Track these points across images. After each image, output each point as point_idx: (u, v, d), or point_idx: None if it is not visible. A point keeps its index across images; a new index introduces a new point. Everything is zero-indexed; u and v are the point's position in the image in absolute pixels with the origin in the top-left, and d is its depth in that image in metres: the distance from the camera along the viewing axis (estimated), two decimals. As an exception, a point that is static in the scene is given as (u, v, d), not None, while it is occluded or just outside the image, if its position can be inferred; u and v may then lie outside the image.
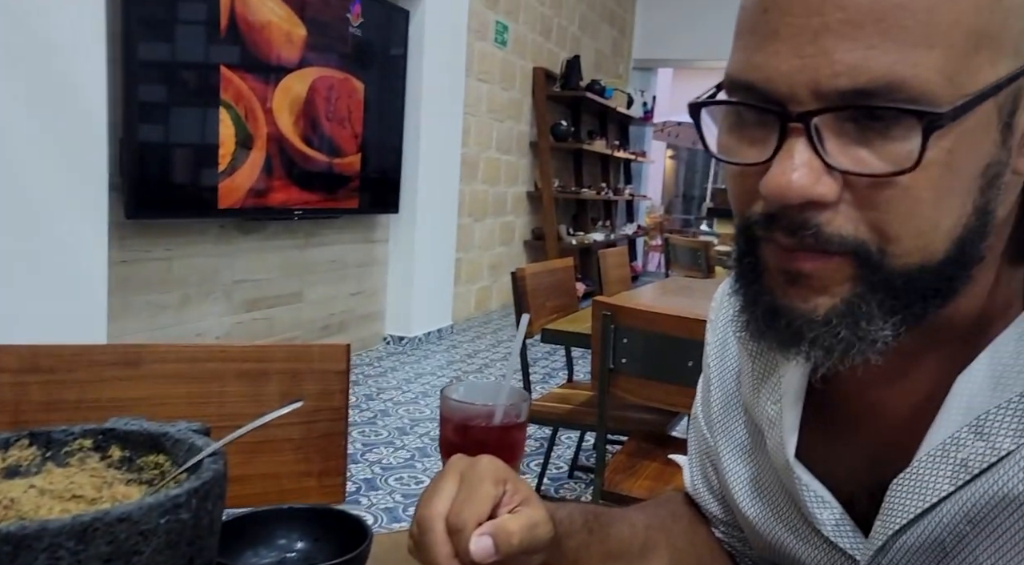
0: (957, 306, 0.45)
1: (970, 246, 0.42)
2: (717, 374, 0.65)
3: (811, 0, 0.38)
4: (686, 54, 8.22)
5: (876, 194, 0.39)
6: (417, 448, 2.89)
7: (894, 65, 0.37)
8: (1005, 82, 0.38)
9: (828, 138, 0.39)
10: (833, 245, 0.41)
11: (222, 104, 2.95)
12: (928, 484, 0.47)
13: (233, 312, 3.32)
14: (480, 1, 4.98)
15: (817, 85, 0.38)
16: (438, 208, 4.62)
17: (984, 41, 0.38)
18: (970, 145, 0.39)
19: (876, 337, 0.42)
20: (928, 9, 0.37)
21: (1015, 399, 0.44)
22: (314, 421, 1.09)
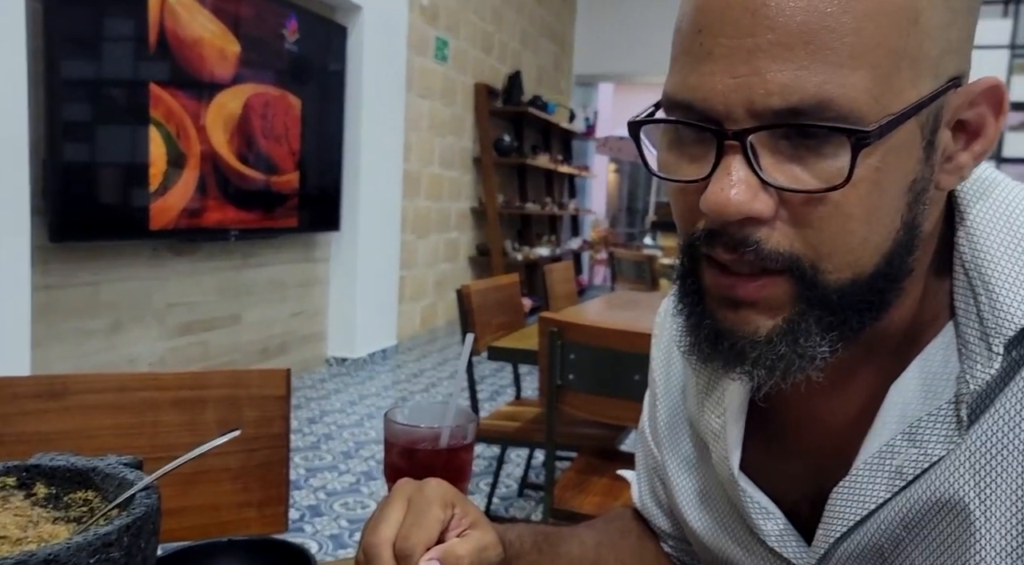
0: (890, 318, 0.46)
1: (899, 260, 0.43)
2: (663, 388, 0.65)
3: (742, 22, 0.39)
4: (626, 69, 8.39)
5: (810, 211, 0.41)
6: (362, 472, 2.83)
7: (823, 85, 0.38)
8: (926, 101, 0.40)
9: (763, 155, 0.40)
10: (771, 262, 0.42)
11: (152, 122, 2.85)
12: (866, 491, 0.48)
13: (167, 337, 3.20)
14: (420, 17, 4.98)
15: (751, 104, 0.39)
16: (380, 225, 4.57)
17: (905, 62, 0.39)
18: (896, 162, 0.41)
19: (815, 353, 0.43)
20: (853, 32, 0.38)
21: (944, 406, 0.45)
22: (254, 449, 1.05)
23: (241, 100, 3.34)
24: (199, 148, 3.11)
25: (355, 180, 4.25)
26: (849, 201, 0.40)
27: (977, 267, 0.45)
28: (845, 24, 0.38)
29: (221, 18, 3.16)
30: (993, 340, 0.43)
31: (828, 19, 0.38)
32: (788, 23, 0.38)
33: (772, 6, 0.38)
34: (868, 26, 0.38)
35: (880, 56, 0.38)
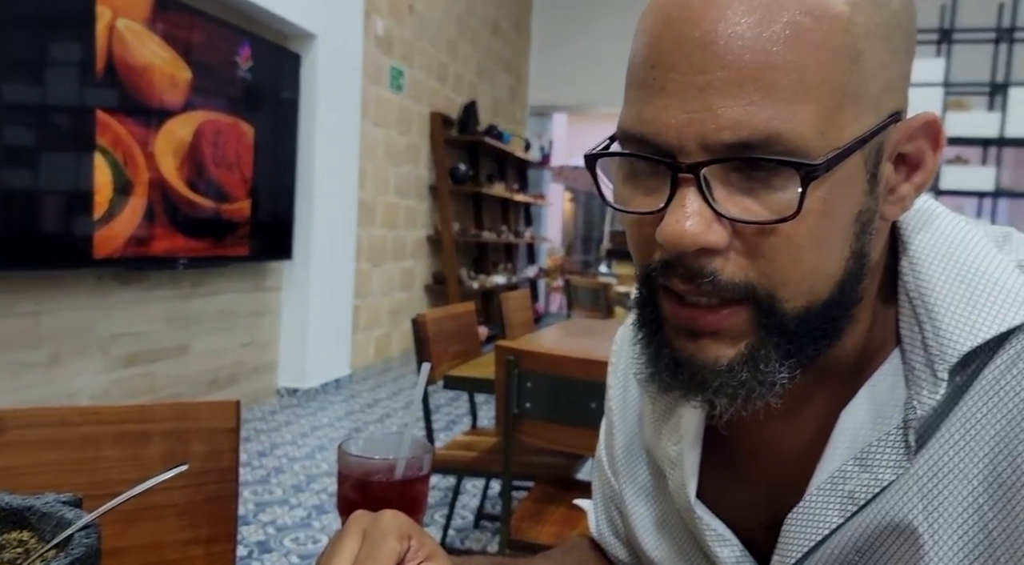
0: (842, 345, 0.47)
1: (850, 288, 0.45)
2: (619, 417, 0.65)
3: (694, 59, 0.40)
4: (580, 100, 8.55)
5: (762, 241, 0.42)
6: (314, 506, 2.76)
7: (771, 120, 0.39)
8: (869, 136, 0.42)
9: (716, 188, 0.42)
10: (728, 292, 0.43)
11: (98, 149, 2.79)
12: (819, 517, 0.49)
13: (110, 369, 3.10)
14: (375, 46, 5.00)
15: (704, 138, 0.41)
16: (334, 253, 4.52)
17: (848, 99, 0.41)
18: (843, 194, 0.42)
19: (775, 380, 0.44)
20: (799, 69, 0.40)
21: (893, 431, 0.46)
22: (201, 484, 1.02)
23: (192, 127, 3.29)
24: (147, 175, 3.05)
25: (308, 208, 4.21)
26: (800, 232, 0.41)
27: (920, 295, 0.46)
28: (791, 62, 0.39)
29: (172, 44, 3.13)
30: (938, 366, 0.44)
31: (775, 57, 0.39)
32: (737, 60, 0.39)
33: (722, 44, 0.40)
34: (812, 63, 0.40)
35: (825, 92, 0.40)
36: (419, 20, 5.72)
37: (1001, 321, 0.44)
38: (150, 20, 3.00)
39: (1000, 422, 0.44)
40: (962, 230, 0.48)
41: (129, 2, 2.89)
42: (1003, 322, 0.44)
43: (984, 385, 0.45)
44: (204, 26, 3.32)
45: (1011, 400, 0.44)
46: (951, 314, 0.45)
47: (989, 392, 0.44)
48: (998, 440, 0.44)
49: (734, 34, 0.40)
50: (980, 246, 0.47)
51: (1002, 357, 0.44)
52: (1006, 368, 0.44)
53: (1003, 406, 0.44)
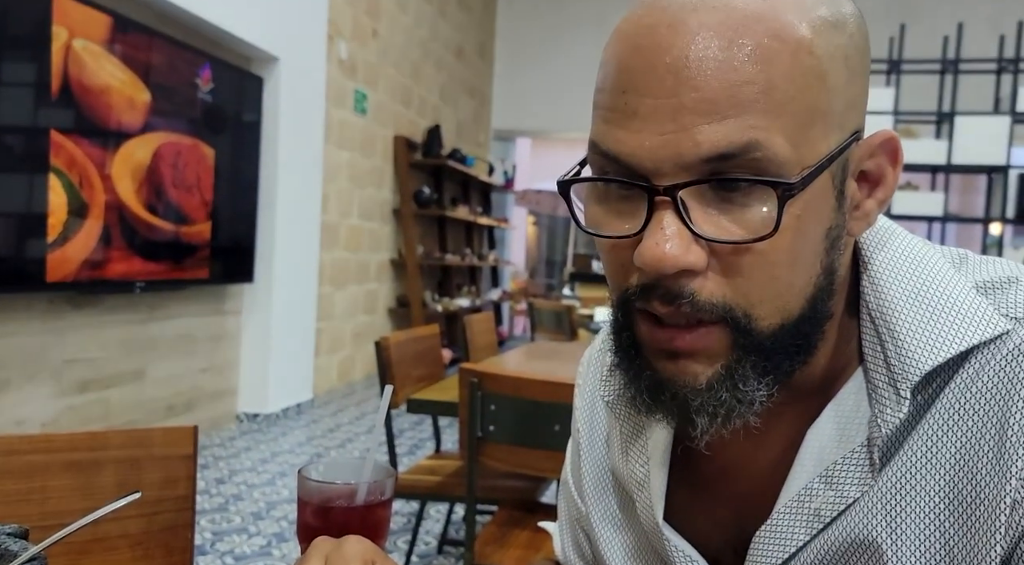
0: (813, 362, 0.48)
1: (821, 304, 0.46)
2: (587, 438, 0.65)
3: (666, 84, 0.41)
4: (543, 125, 8.63)
5: (739, 260, 0.43)
6: (274, 533, 2.69)
7: (749, 129, 0.40)
8: (836, 153, 0.43)
9: (693, 209, 0.42)
10: (706, 312, 0.43)
11: (52, 170, 2.73)
12: (786, 535, 0.49)
13: (62, 395, 3.00)
14: (338, 70, 5.00)
15: (680, 158, 0.41)
16: (296, 276, 4.47)
17: (817, 117, 0.42)
18: (815, 211, 0.43)
19: (754, 398, 0.44)
20: (770, 88, 0.41)
21: (857, 449, 0.47)
22: (156, 513, 0.99)
23: (150, 149, 3.24)
24: (104, 197, 2.99)
25: (270, 231, 4.16)
26: (776, 249, 0.42)
27: (882, 314, 0.47)
28: (762, 80, 0.41)
29: (130, 66, 3.09)
30: (900, 385, 0.45)
31: (746, 76, 0.40)
32: (710, 81, 0.40)
33: (693, 67, 0.41)
34: (782, 82, 0.41)
35: (795, 109, 0.41)
36: (383, 44, 5.74)
37: (960, 340, 0.45)
38: (108, 41, 2.96)
39: (960, 439, 0.45)
40: (920, 250, 0.50)
41: (86, 23, 2.85)
42: (962, 341, 0.45)
43: (945, 404, 0.46)
44: (164, 48, 3.28)
45: (970, 418, 0.45)
46: (912, 333, 0.46)
47: (949, 410, 0.45)
48: (959, 458, 0.45)
49: (704, 58, 0.41)
50: (938, 267, 0.49)
51: (961, 376, 0.46)
52: (965, 387, 0.45)
53: (962, 424, 0.45)
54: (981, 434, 0.44)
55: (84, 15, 2.83)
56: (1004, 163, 5.04)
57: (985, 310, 0.46)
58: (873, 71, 5.39)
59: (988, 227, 5.41)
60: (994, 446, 0.44)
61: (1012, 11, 5.99)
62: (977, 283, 0.48)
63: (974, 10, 6.64)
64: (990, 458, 0.44)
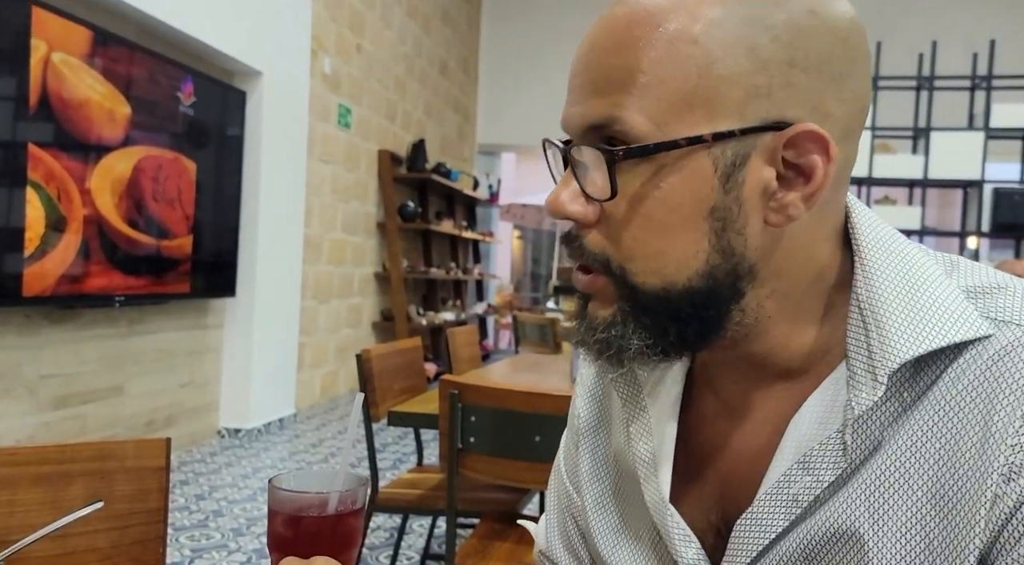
0: (772, 345, 0.51)
1: (719, 284, 0.48)
2: (587, 424, 0.66)
3: (578, 67, 0.50)
4: (527, 140, 8.68)
5: (615, 219, 0.48)
6: (254, 550, 2.66)
7: (612, 107, 0.47)
8: (714, 137, 0.45)
9: (588, 169, 0.49)
10: (591, 259, 0.50)
11: (30, 184, 2.70)
12: (766, 521, 0.50)
13: (38, 411, 2.96)
14: (322, 84, 5.00)
15: (573, 126, 0.50)
16: (279, 291, 4.44)
17: (696, 102, 0.46)
18: (681, 186, 0.46)
19: (632, 345, 0.49)
20: (641, 72, 0.46)
21: (833, 435, 0.48)
22: (127, 526, 0.97)
23: (131, 163, 3.22)
24: (83, 211, 2.96)
25: (253, 245, 4.14)
26: (637, 213, 0.47)
27: (871, 308, 0.49)
28: (635, 67, 0.46)
29: (111, 79, 3.07)
30: (879, 371, 0.46)
31: (621, 61, 0.47)
32: (596, 66, 0.48)
33: (590, 54, 0.49)
34: (654, 69, 0.46)
35: (664, 93, 0.46)
36: (367, 59, 5.76)
37: (942, 336, 0.46)
38: (88, 55, 2.95)
39: (944, 436, 0.46)
40: (916, 255, 0.51)
41: (66, 36, 2.84)
42: (943, 337, 0.46)
43: (931, 401, 0.47)
44: (145, 62, 3.28)
45: (955, 416, 0.46)
46: (898, 326, 0.47)
47: (935, 408, 0.47)
48: (943, 454, 0.46)
49: (595, 45, 0.48)
50: (931, 271, 0.50)
51: (948, 375, 0.47)
52: (951, 385, 0.47)
53: (947, 421, 0.46)
54: (965, 431, 0.45)
55: (63, 28, 2.82)
56: (979, 178, 5.12)
57: (969, 312, 0.47)
58: None
59: (965, 240, 5.48)
60: (977, 443, 0.45)
61: (985, 29, 6.11)
62: (965, 287, 0.50)
63: (948, 28, 6.77)
64: (973, 455, 0.45)
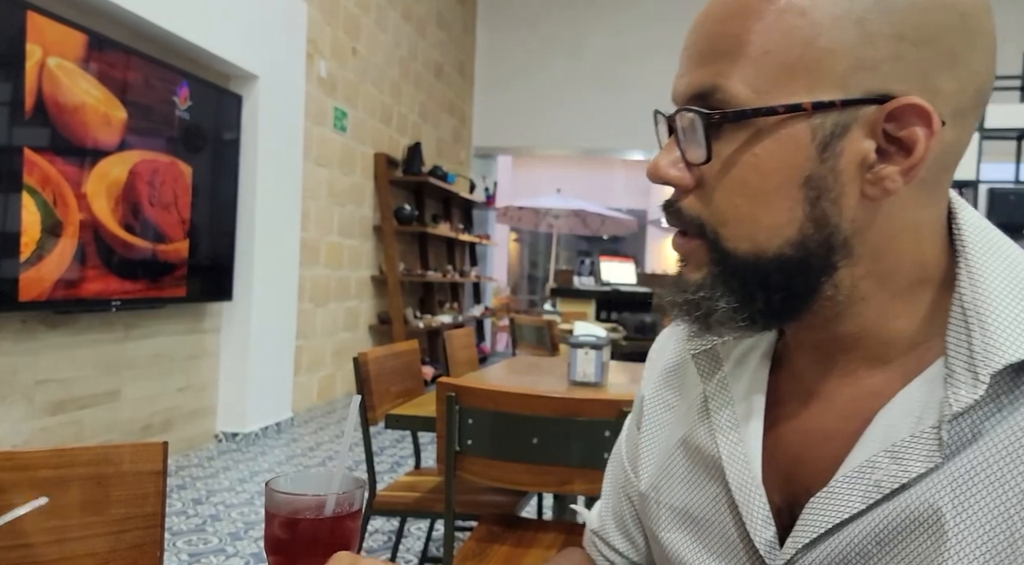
0: (863, 328, 0.51)
1: (814, 254, 0.49)
2: (651, 406, 0.66)
3: (688, 39, 0.52)
4: (523, 142, 8.69)
5: (710, 183, 0.50)
6: (252, 554, 2.65)
7: (715, 76, 0.49)
8: (814, 106, 0.46)
9: (688, 136, 0.50)
10: (686, 223, 0.52)
11: (26, 188, 2.70)
12: (842, 502, 0.49)
13: (35, 417, 2.95)
14: (318, 87, 5.00)
15: (679, 95, 0.51)
16: (276, 294, 4.44)
17: (798, 72, 0.47)
18: (779, 153, 0.47)
19: (719, 307, 0.51)
20: (745, 43, 0.48)
21: (928, 430, 0.47)
22: (123, 531, 0.97)
23: (127, 167, 3.22)
24: (79, 215, 2.96)
25: (249, 248, 4.13)
26: (732, 177, 0.49)
27: (976, 309, 0.47)
28: (741, 38, 0.48)
29: (106, 84, 3.07)
30: (980, 371, 0.45)
31: (726, 30, 0.49)
32: (704, 36, 0.50)
33: (700, 26, 0.51)
34: (759, 40, 0.47)
35: (767, 62, 0.47)
36: (362, 62, 5.76)
37: None
38: (83, 59, 2.95)
39: None
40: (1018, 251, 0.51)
41: (61, 41, 2.84)
42: None
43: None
44: (140, 66, 3.27)
45: None
46: (1004, 328, 0.46)
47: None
48: None
49: (708, 15, 0.50)
50: None
51: None
52: None
53: None
54: None
55: (59, 33, 2.82)
56: (974, 178, 5.13)
57: None
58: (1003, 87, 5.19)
59: (962, 239, 5.46)
60: None
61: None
62: None
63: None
64: None
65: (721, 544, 0.57)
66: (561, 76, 8.34)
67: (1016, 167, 5.44)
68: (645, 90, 8.15)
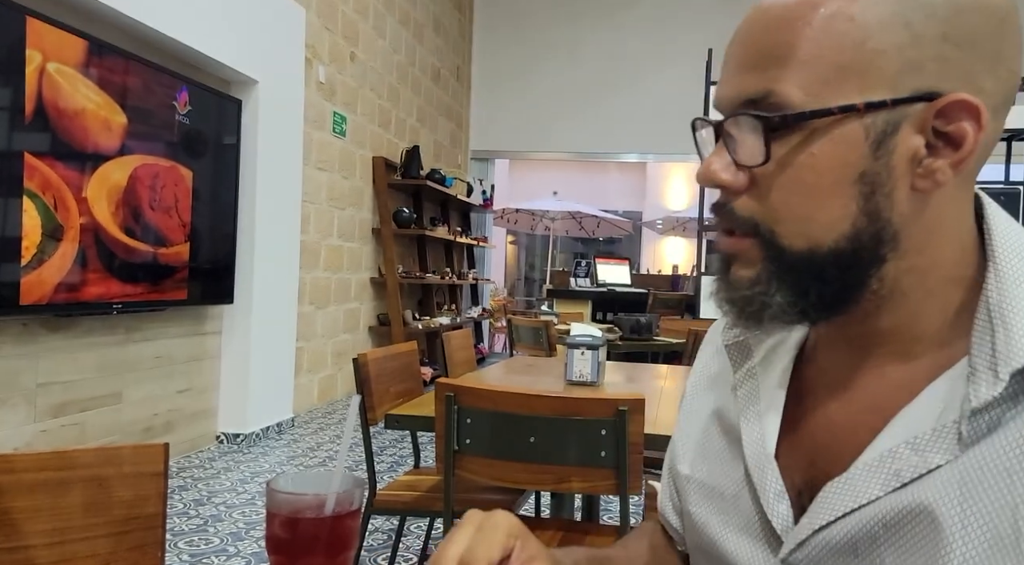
0: (899, 323, 0.52)
1: (863, 247, 0.50)
2: (699, 379, 0.71)
3: (732, 48, 0.53)
4: (519, 146, 8.71)
5: (767, 185, 0.51)
6: (253, 553, 2.67)
7: (767, 81, 0.50)
8: (867, 106, 0.48)
9: (738, 140, 0.52)
10: (739, 224, 0.53)
11: (26, 193, 2.72)
12: (860, 488, 0.51)
13: (37, 419, 2.97)
14: (317, 92, 5.02)
15: (727, 100, 0.52)
16: (276, 297, 4.46)
17: (850, 74, 0.48)
18: (833, 152, 0.49)
19: (774, 302, 0.52)
20: (795, 47, 0.49)
21: (950, 424, 0.49)
22: (126, 531, 0.98)
23: (127, 171, 3.24)
24: (79, 220, 2.98)
25: (250, 252, 4.15)
26: (788, 178, 0.50)
27: (1001, 311, 0.48)
28: (793, 43, 0.49)
29: (106, 89, 3.09)
30: (1001, 369, 0.47)
31: (778, 38, 0.50)
32: (753, 44, 0.51)
33: (744, 32, 0.52)
34: (810, 45, 0.49)
35: (821, 65, 0.48)
36: (361, 67, 5.78)
37: None
38: (83, 64, 2.97)
39: None
40: None
41: (61, 46, 2.86)
42: None
43: None
44: (140, 71, 3.29)
45: None
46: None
47: None
48: None
49: (755, 22, 0.51)
50: None
51: None
52: None
53: None
54: None
55: (58, 39, 2.84)
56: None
57: None
58: None
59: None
60: None
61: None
62: None
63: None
64: None
65: (742, 521, 0.59)
66: (557, 80, 8.36)
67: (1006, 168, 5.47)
68: (640, 94, 8.18)
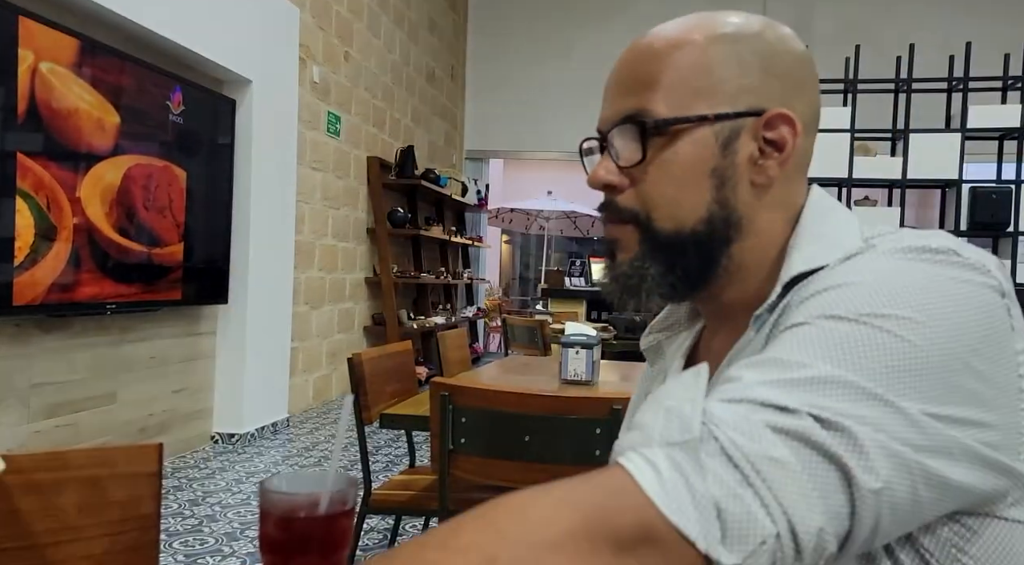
0: (742, 295, 0.65)
1: (715, 229, 0.63)
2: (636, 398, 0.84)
3: (611, 79, 0.67)
4: (513, 146, 8.72)
5: (640, 180, 0.64)
6: (248, 554, 2.67)
7: (639, 102, 0.64)
8: (715, 117, 0.62)
9: (619, 147, 0.65)
10: (621, 213, 0.65)
11: (19, 193, 2.71)
12: None
13: (30, 420, 2.96)
14: (311, 92, 5.02)
15: (611, 119, 0.65)
16: (271, 297, 4.45)
17: (701, 94, 0.63)
18: (691, 152, 0.63)
19: (649, 275, 0.64)
20: (658, 75, 0.64)
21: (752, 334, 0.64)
22: (120, 532, 0.98)
23: (120, 171, 3.23)
24: (73, 220, 2.97)
25: (244, 252, 4.14)
26: (660, 171, 0.63)
27: (789, 249, 0.63)
28: (660, 72, 0.64)
29: (99, 89, 3.08)
30: (778, 285, 0.61)
31: (647, 69, 0.64)
32: (628, 74, 0.65)
33: (621, 66, 0.66)
34: (670, 73, 0.63)
35: (679, 88, 0.63)
36: (355, 67, 5.78)
37: (814, 262, 0.60)
38: (76, 64, 2.96)
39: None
40: (840, 216, 0.64)
41: (53, 46, 2.85)
42: (823, 260, 0.59)
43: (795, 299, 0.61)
44: (133, 71, 3.28)
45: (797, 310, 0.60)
46: (798, 256, 0.62)
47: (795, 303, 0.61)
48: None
49: (630, 59, 0.66)
50: (848, 226, 0.63)
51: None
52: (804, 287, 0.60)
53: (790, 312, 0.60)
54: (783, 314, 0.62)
55: (51, 38, 2.83)
56: (956, 177, 5.17)
57: (853, 243, 0.60)
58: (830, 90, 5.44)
59: (946, 239, 5.49)
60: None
61: (959, 33, 6.15)
62: (866, 237, 0.61)
63: (925, 31, 6.81)
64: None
65: None
66: (551, 80, 8.37)
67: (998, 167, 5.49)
68: (637, 91, 8.16)
